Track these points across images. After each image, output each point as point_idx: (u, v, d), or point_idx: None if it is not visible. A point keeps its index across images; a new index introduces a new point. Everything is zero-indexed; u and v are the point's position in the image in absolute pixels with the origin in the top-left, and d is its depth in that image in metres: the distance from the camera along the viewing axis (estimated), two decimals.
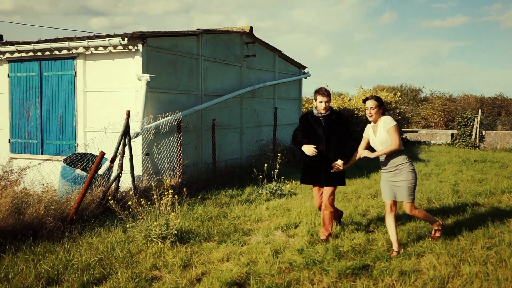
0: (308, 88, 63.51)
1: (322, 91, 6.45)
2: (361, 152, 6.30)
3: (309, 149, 6.31)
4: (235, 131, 12.69)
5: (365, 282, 5.01)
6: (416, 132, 24.12)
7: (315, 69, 74.73)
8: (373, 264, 5.55)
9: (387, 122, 5.92)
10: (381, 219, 7.59)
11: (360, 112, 18.33)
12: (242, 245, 6.41)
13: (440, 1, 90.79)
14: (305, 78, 16.44)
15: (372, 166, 13.92)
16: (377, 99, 6.02)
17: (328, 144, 6.45)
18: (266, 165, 10.10)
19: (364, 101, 6.07)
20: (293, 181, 10.39)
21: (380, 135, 5.97)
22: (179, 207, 7.38)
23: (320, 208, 6.70)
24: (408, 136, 23.92)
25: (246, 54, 12.83)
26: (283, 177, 10.27)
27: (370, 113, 5.98)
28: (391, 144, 5.89)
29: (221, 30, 11.89)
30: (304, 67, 16.42)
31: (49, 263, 5.57)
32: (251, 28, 12.65)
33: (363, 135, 6.30)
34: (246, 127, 13.10)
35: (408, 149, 19.80)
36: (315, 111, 6.52)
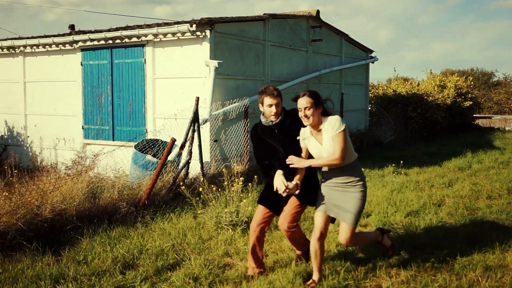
0: (374, 73, 62.05)
1: (270, 91, 4.58)
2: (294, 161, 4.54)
3: (280, 186, 4.42)
4: None
5: (446, 276, 4.75)
6: (489, 118, 22.94)
7: (378, 53, 72.97)
8: (452, 258, 5.25)
9: (334, 126, 4.28)
10: (458, 209, 7.23)
11: (430, 98, 17.59)
12: None
13: None
14: (372, 62, 15.95)
15: (443, 153, 13.36)
16: (312, 95, 4.34)
17: (289, 153, 4.64)
18: None
19: (295, 99, 4.44)
20: (362, 169, 10.10)
21: (328, 143, 4.33)
22: (249, 194, 7.34)
23: (261, 229, 4.89)
24: (481, 122, 22.79)
25: (312, 38, 12.57)
26: None
27: (305, 115, 4.31)
28: (333, 154, 4.26)
29: (287, 14, 11.69)
30: (371, 51, 15.91)
31: (125, 248, 5.67)
32: (317, 11, 12.36)
33: (300, 145, 4.61)
34: None
35: (482, 135, 18.88)
36: (263, 120, 4.71)
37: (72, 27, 12.41)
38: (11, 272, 4.96)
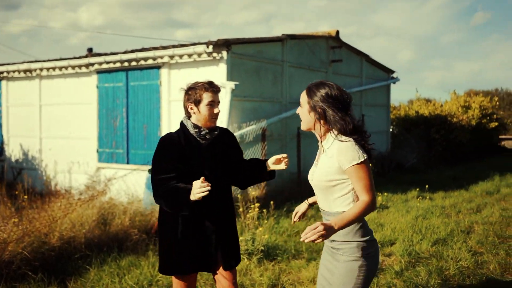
0: (395, 94, 61.33)
1: (212, 85, 3.33)
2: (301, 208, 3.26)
3: (199, 189, 2.89)
4: None
5: None
6: None
7: (399, 74, 72.40)
8: None
9: (347, 154, 2.72)
10: (488, 237, 6.76)
11: (454, 119, 17.10)
12: None
13: None
14: (394, 83, 15.59)
15: (469, 176, 12.84)
16: (309, 90, 2.86)
17: (220, 186, 3.35)
18: None
19: None
20: (385, 193, 9.70)
21: (324, 165, 2.84)
22: (265, 221, 7.01)
23: None
24: (507, 144, 22.12)
25: (332, 59, 12.30)
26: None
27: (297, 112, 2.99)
28: (360, 202, 2.69)
29: (306, 35, 11.46)
30: (393, 72, 15.57)
31: (134, 279, 5.37)
32: (337, 32, 12.12)
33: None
34: None
35: (509, 157, 18.25)
36: (191, 128, 3.31)
37: (90, 50, 12.37)
38: None
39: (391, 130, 16.54)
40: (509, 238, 6.88)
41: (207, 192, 2.88)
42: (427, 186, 10.17)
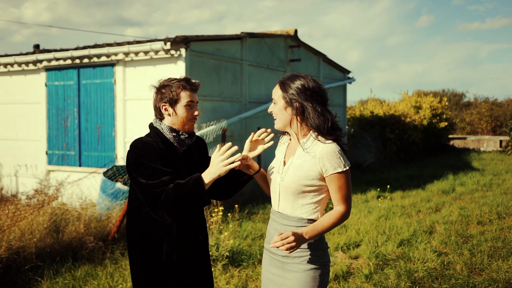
0: (350, 95, 62.35)
1: (191, 83, 2.86)
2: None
3: (224, 156, 2.58)
4: None
5: None
6: (464, 139, 22.97)
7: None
8: None
9: (332, 159, 2.46)
10: (450, 237, 6.79)
11: (407, 119, 17.40)
12: None
13: (476, 3, 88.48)
14: (350, 83, 15.67)
15: (425, 175, 13.05)
16: (282, 83, 2.61)
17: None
18: None
19: None
20: None
21: (302, 167, 2.53)
22: (230, 225, 6.76)
23: None
24: (456, 143, 22.79)
25: (291, 58, 12.17)
26: None
27: (270, 111, 2.68)
28: (335, 212, 2.50)
29: (265, 33, 11.28)
30: (349, 72, 15.65)
31: None
32: (295, 31, 12.00)
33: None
34: None
35: (458, 156, 18.76)
36: (166, 132, 2.84)
37: (36, 46, 11.70)
38: None
39: (347, 130, 16.63)
40: (471, 237, 6.94)
41: (239, 162, 2.53)
42: (388, 186, 10.21)
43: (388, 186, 10.18)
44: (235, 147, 2.53)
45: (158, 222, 2.73)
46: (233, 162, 2.55)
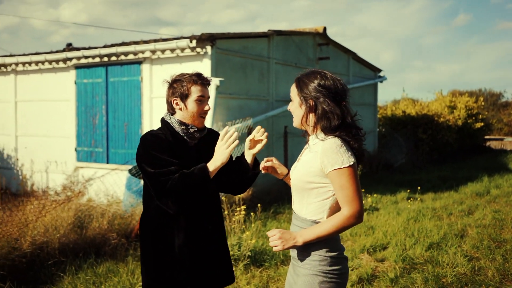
0: (382, 94, 61.30)
1: (202, 78, 2.88)
2: None
3: (226, 139, 2.65)
4: None
5: None
6: (501, 140, 22.26)
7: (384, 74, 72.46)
8: None
9: (331, 155, 2.35)
10: (483, 241, 6.51)
11: (441, 119, 16.94)
12: None
13: None
14: (381, 82, 15.35)
15: (458, 177, 12.66)
16: (299, 81, 2.56)
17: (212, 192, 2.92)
18: None
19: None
20: (374, 195, 9.42)
21: (306, 163, 2.50)
22: (252, 224, 6.66)
23: None
24: (492, 144, 22.10)
25: (319, 56, 11.99)
26: (363, 190, 9.31)
27: (288, 109, 2.68)
28: (339, 215, 2.37)
29: (293, 31, 11.14)
30: (380, 70, 15.34)
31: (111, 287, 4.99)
32: (324, 28, 11.81)
33: None
34: None
35: (494, 157, 18.16)
36: (176, 125, 2.84)
37: (69, 45, 11.88)
38: None
39: (378, 130, 16.32)
40: (504, 242, 6.64)
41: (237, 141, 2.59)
42: (419, 187, 9.92)
43: (419, 188, 9.89)
44: (235, 133, 2.57)
45: (168, 216, 2.74)
46: (232, 145, 2.62)
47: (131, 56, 9.18)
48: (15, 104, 11.19)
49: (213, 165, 2.64)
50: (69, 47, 10.65)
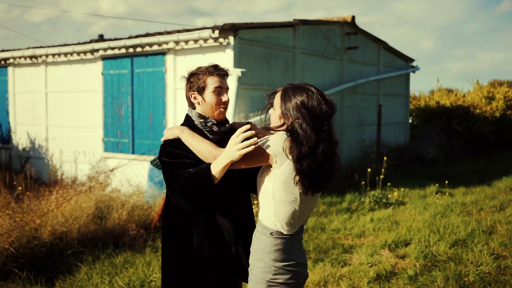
0: (416, 84, 59.81)
1: (219, 70, 2.82)
2: None
3: (239, 139, 2.41)
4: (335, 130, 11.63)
5: None
6: None
7: (421, 64, 70.74)
8: None
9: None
10: None
11: (477, 110, 16.38)
12: (342, 266, 5.46)
13: None
14: (413, 72, 14.93)
15: (493, 171, 12.21)
16: (287, 94, 2.43)
17: (234, 193, 2.83)
18: (369, 169, 8.98)
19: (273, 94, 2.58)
20: (401, 188, 9.17)
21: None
22: None
23: None
24: None
25: (347, 46, 11.72)
26: (389, 183, 9.08)
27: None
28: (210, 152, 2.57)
29: (320, 20, 10.91)
30: (412, 60, 14.90)
31: (126, 279, 5.00)
32: (353, 17, 11.53)
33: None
34: (347, 126, 12.00)
35: None
36: (195, 118, 2.81)
37: (101, 36, 12.02)
38: None
39: (410, 121, 15.90)
40: None
41: (254, 144, 2.33)
42: (446, 181, 9.60)
43: (446, 182, 9.57)
44: (251, 132, 2.36)
45: (187, 213, 2.69)
46: (247, 147, 2.36)
47: (155, 47, 9.18)
48: (45, 95, 11.42)
49: (220, 162, 2.45)
50: (96, 39, 10.76)
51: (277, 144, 2.35)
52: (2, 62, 12.21)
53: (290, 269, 2.43)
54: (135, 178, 8.21)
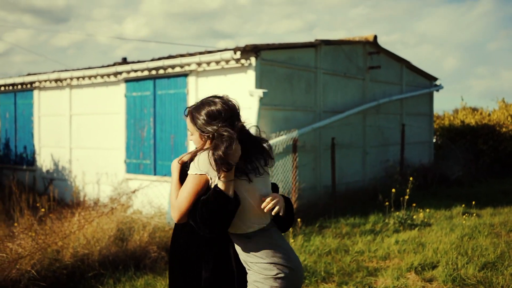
0: (440, 103, 59.30)
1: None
2: None
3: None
4: (357, 150, 11.51)
5: None
6: None
7: (444, 82, 70.14)
8: None
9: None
10: None
11: (503, 129, 16.05)
12: None
13: None
14: (437, 91, 14.74)
15: None
16: (193, 116, 2.67)
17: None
18: (393, 190, 8.81)
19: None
20: (426, 209, 8.97)
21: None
22: (296, 237, 6.48)
23: None
24: None
25: (370, 65, 11.66)
26: (414, 204, 8.89)
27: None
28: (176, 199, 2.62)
29: (341, 40, 10.89)
30: (435, 79, 14.73)
31: None
32: (375, 36, 11.48)
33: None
34: (370, 146, 11.86)
35: None
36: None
37: (124, 59, 12.20)
38: None
39: (434, 140, 15.65)
40: None
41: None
42: (473, 202, 9.35)
43: (473, 202, 9.32)
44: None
45: (197, 246, 2.69)
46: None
47: (177, 69, 9.26)
48: (69, 118, 11.59)
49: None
50: (119, 62, 10.92)
51: (203, 163, 2.50)
52: (28, 86, 12.46)
53: (283, 265, 2.64)
54: (156, 200, 8.21)
